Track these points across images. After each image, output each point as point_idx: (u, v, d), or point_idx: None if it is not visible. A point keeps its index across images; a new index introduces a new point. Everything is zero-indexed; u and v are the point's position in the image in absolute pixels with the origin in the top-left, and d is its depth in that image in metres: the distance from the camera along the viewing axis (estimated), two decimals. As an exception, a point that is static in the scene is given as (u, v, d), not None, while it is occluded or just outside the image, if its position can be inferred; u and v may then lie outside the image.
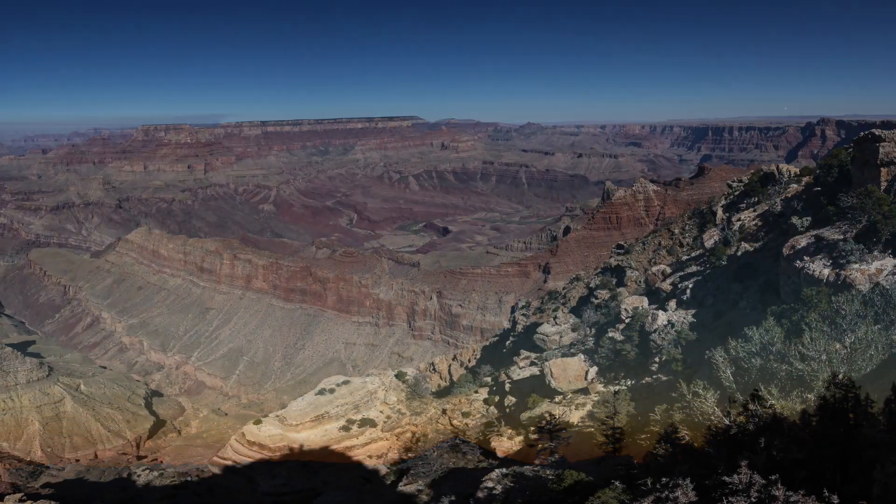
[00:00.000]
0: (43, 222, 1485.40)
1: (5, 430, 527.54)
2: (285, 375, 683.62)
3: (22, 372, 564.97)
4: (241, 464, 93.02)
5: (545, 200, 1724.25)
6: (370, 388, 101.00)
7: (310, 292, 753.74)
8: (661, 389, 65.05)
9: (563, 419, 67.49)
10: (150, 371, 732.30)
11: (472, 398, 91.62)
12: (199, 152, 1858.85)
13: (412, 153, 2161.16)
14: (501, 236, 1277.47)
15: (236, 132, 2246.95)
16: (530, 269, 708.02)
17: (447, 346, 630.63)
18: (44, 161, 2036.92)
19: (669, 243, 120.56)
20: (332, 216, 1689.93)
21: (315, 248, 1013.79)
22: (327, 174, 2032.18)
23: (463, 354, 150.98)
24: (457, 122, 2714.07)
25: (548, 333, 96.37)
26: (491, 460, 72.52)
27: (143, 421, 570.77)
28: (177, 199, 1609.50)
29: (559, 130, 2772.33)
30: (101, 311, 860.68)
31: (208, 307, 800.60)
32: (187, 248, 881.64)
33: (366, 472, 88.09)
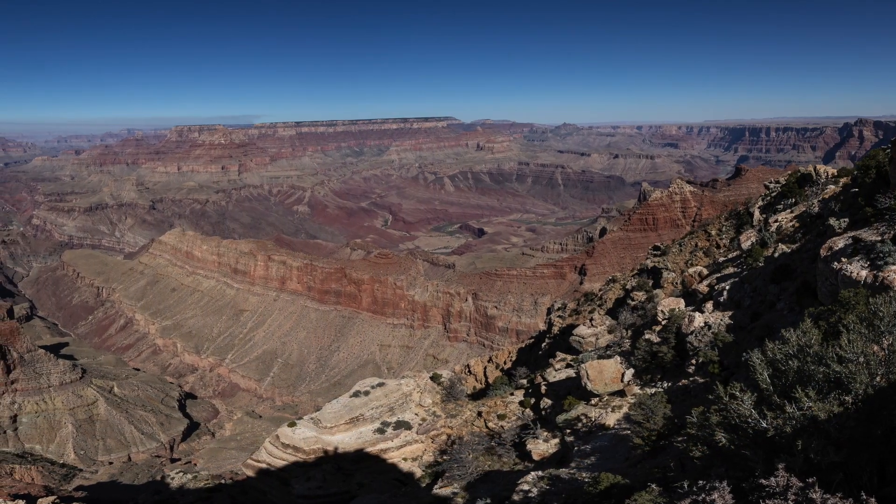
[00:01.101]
0: (76, 223, 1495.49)
1: (38, 432, 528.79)
2: (320, 377, 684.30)
3: (55, 374, 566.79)
4: (276, 466, 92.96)
5: (581, 201, 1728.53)
6: (405, 390, 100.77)
7: (344, 294, 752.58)
8: (697, 392, 64.78)
9: (599, 421, 67.45)
10: (184, 373, 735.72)
11: (508, 400, 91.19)
12: (233, 153, 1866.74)
13: (447, 154, 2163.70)
14: (537, 238, 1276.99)
15: (270, 133, 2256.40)
16: (566, 271, 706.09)
17: (482, 348, 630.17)
18: (77, 162, 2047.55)
19: (706, 244, 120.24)
20: (367, 217, 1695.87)
21: (350, 249, 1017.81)
22: (362, 175, 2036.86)
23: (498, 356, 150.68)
24: (492, 123, 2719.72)
25: (584, 335, 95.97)
26: (527, 463, 72.32)
27: (177, 423, 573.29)
28: (211, 201, 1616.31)
29: (595, 131, 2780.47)
30: (135, 313, 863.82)
31: (242, 309, 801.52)
32: (221, 249, 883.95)
33: (401, 475, 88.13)
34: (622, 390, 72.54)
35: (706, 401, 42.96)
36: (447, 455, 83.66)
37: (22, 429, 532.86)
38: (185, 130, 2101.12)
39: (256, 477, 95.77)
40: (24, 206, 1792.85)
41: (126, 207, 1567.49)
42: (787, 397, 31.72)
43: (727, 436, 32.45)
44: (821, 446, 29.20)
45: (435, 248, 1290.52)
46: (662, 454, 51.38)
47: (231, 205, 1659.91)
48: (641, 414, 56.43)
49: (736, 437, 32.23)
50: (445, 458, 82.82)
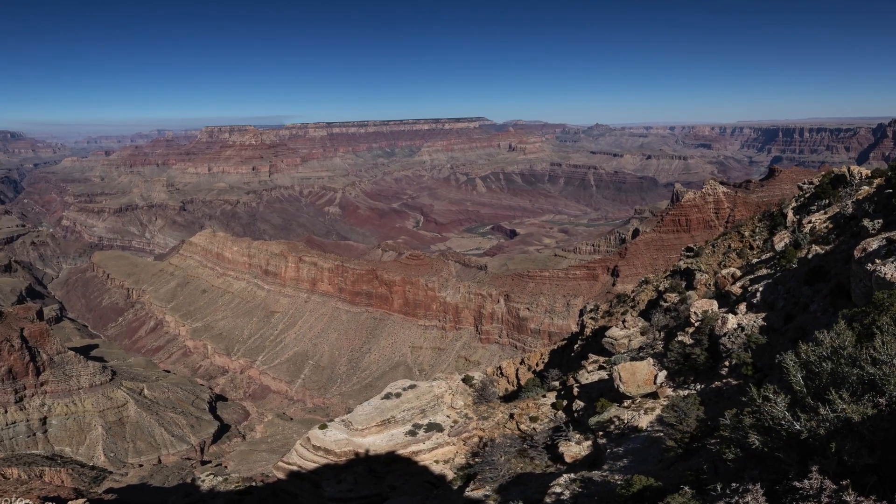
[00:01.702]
0: (106, 225, 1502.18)
1: (68, 434, 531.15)
2: (351, 379, 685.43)
3: (85, 376, 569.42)
4: (307, 469, 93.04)
5: (614, 202, 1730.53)
6: (437, 392, 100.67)
7: (376, 295, 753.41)
8: (730, 394, 64.58)
9: (632, 423, 67.41)
10: (215, 375, 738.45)
11: (540, 402, 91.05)
12: (263, 154, 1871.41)
13: (479, 155, 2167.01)
14: (569, 239, 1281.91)
15: (301, 133, 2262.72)
16: (599, 272, 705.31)
17: (514, 350, 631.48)
18: (107, 163, 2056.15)
19: (739, 246, 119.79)
20: (399, 218, 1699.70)
21: (381, 250, 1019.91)
22: (393, 176, 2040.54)
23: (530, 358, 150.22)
24: (524, 124, 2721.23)
25: (616, 337, 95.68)
26: (559, 465, 72.19)
27: (208, 425, 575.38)
28: (241, 202, 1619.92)
29: (628, 132, 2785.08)
30: (165, 315, 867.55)
31: (273, 310, 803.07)
32: (252, 250, 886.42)
33: (432, 478, 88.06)
34: (655, 392, 72.49)
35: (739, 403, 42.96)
36: (479, 457, 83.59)
37: (52, 431, 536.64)
38: (215, 131, 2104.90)
39: (287, 479, 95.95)
40: (54, 207, 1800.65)
41: (156, 208, 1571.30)
42: (820, 399, 31.72)
43: (761, 438, 32.47)
44: (854, 448, 29.20)
45: (467, 250, 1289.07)
46: (695, 456, 51.36)
47: (262, 206, 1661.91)
48: (674, 416, 56.44)
49: (769, 439, 32.24)
50: (477, 461, 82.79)
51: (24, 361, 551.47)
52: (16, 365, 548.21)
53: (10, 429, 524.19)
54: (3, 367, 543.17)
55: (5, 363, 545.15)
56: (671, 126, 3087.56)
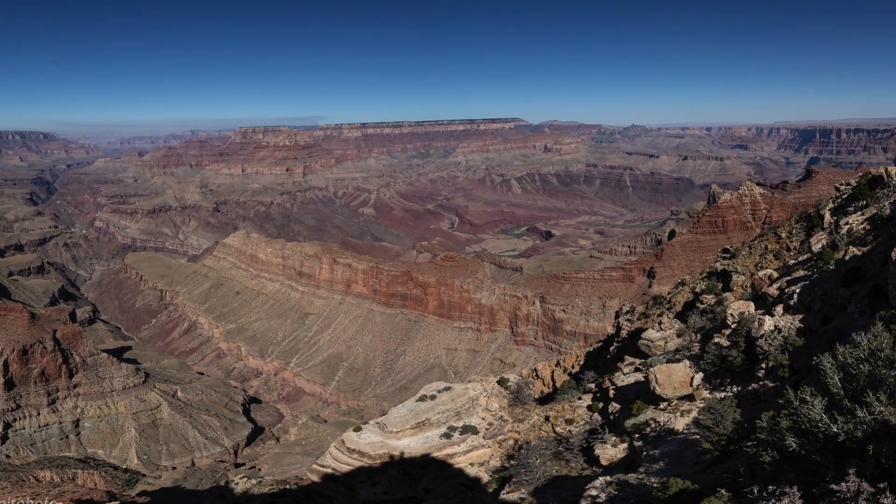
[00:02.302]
0: (139, 226, 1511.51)
1: (101, 437, 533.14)
2: (385, 382, 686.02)
3: (118, 378, 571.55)
4: (341, 472, 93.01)
5: (650, 204, 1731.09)
6: (472, 394, 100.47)
7: (410, 297, 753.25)
8: (767, 396, 64.42)
9: (668, 426, 67.37)
10: (249, 377, 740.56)
11: (576, 405, 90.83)
12: (297, 155, 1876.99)
13: (514, 155, 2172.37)
14: (605, 240, 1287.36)
15: (336, 134, 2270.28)
16: (635, 274, 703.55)
17: (550, 352, 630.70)
18: (140, 163, 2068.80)
19: (776, 247, 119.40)
20: (434, 220, 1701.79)
21: (416, 252, 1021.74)
22: (428, 177, 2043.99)
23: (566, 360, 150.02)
24: (560, 124, 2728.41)
25: (652, 339, 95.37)
26: (595, 468, 72.12)
27: (241, 428, 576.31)
28: (275, 203, 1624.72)
29: (664, 132, 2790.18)
30: (198, 317, 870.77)
31: (307, 312, 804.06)
32: (286, 252, 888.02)
33: (467, 480, 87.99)
34: (691, 394, 72.39)
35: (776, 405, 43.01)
36: (514, 460, 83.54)
37: (85, 433, 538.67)
38: (249, 132, 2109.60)
39: (321, 482, 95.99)
40: (87, 208, 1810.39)
41: (189, 209, 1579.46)
42: (858, 402, 31.74)
43: (797, 440, 32.50)
44: (892, 451, 29.24)
45: (502, 251, 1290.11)
46: (732, 459, 51.32)
47: (296, 207, 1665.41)
48: (711, 418, 56.41)
49: (806, 441, 32.29)
50: (512, 463, 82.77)
51: (56, 363, 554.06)
52: (48, 367, 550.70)
53: (42, 431, 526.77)
54: (36, 369, 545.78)
55: (38, 365, 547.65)
56: (707, 127, 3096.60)
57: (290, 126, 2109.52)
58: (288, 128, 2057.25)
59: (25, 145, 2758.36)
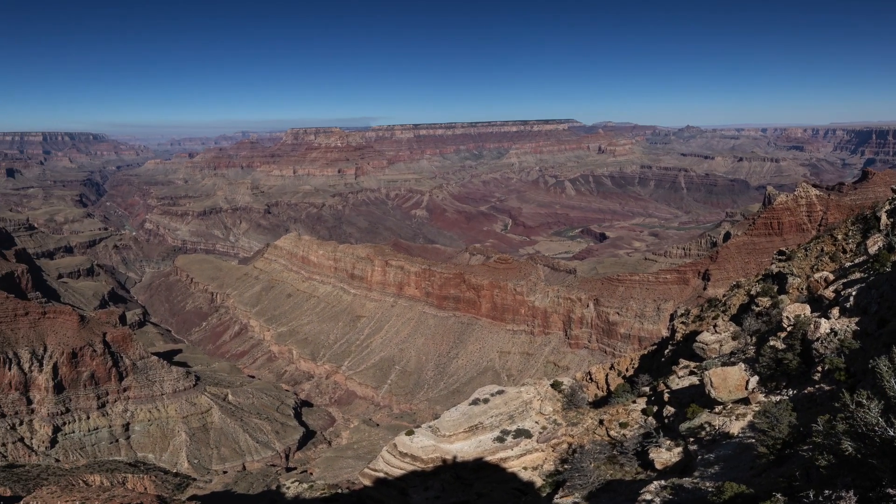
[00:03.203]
0: (189, 228, 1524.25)
1: (151, 441, 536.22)
2: (438, 385, 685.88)
3: (168, 381, 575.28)
4: (393, 476, 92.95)
5: (705, 205, 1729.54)
6: (525, 398, 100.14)
7: (463, 300, 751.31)
8: (823, 399, 64.16)
9: (723, 430, 67.18)
10: (300, 380, 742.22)
11: (630, 408, 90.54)
12: (349, 156, 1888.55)
13: (568, 157, 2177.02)
14: (660, 242, 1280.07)
15: (388, 135, 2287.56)
16: (689, 276, 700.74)
17: (604, 355, 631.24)
18: (190, 165, 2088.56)
19: (832, 249, 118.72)
20: (487, 221, 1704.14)
21: (469, 254, 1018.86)
22: (481, 178, 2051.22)
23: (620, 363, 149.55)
24: (614, 126, 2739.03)
25: (707, 342, 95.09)
26: (649, 472, 71.80)
27: (293, 432, 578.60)
28: (327, 204, 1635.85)
29: (719, 133, 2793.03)
30: (250, 319, 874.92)
31: (359, 315, 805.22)
32: (338, 254, 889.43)
33: (520, 485, 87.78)
34: (746, 398, 72.20)
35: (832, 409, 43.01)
36: (568, 464, 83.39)
37: (135, 437, 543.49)
38: (300, 133, 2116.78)
39: (373, 486, 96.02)
40: (137, 210, 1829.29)
41: (240, 211, 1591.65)
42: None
43: (854, 444, 32.54)
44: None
45: (556, 253, 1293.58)
46: (787, 463, 51.21)
47: (348, 209, 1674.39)
48: (766, 422, 56.29)
49: (863, 445, 32.32)
50: (566, 467, 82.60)
51: (106, 367, 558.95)
52: (98, 370, 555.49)
53: (92, 435, 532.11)
54: (86, 373, 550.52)
55: (88, 368, 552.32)
56: (763, 128, 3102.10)
57: (342, 127, 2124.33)
58: (340, 129, 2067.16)
59: (75, 146, 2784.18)
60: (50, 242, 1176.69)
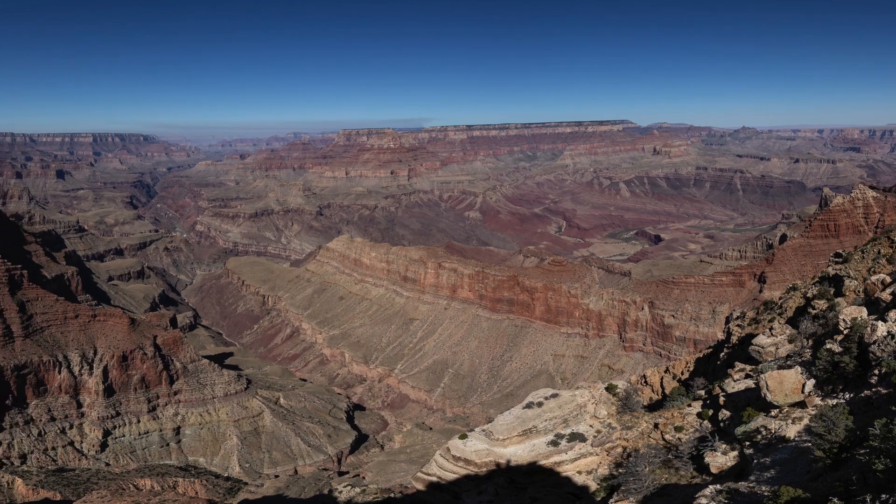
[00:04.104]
0: (241, 230, 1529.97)
1: (202, 445, 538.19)
2: (492, 388, 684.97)
3: (219, 385, 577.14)
4: (446, 480, 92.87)
5: (760, 207, 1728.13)
6: (579, 401, 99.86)
7: (517, 302, 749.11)
8: (880, 403, 63.86)
9: (779, 433, 67.04)
10: (352, 384, 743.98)
11: (685, 412, 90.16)
12: (402, 157, 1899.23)
13: (623, 158, 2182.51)
14: (715, 244, 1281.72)
15: (441, 136, 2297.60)
16: (745, 279, 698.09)
17: (659, 358, 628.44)
18: (242, 166, 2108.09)
19: (889, 252, 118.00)
20: (540, 223, 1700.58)
21: (522, 256, 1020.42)
22: (535, 180, 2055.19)
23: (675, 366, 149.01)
24: (669, 127, 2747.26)
25: (763, 345, 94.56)
26: (704, 476, 71.59)
27: (345, 435, 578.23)
28: (379, 206, 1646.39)
29: (775, 135, 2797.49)
30: (301, 322, 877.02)
31: (412, 318, 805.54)
32: (390, 256, 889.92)
33: (575, 489, 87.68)
34: (802, 401, 72.02)
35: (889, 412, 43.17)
36: (623, 468, 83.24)
37: (185, 441, 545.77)
38: (352, 134, 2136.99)
39: (426, 491, 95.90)
40: (188, 211, 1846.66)
41: (292, 213, 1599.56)
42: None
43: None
44: None
45: (610, 255, 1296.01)
46: (844, 467, 51.18)
47: (400, 210, 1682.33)
48: (822, 426, 56.23)
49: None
50: (621, 472, 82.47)
51: (157, 370, 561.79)
52: (149, 373, 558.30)
53: (142, 439, 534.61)
54: (136, 376, 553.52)
55: (138, 371, 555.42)
56: (819, 129, 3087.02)
57: (394, 128, 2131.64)
58: (392, 130, 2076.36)
59: (125, 148, 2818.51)
60: (100, 244, 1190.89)
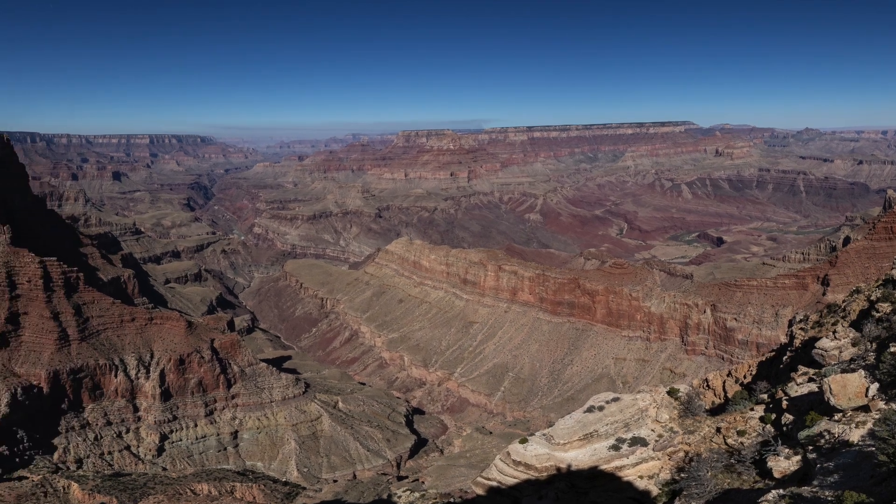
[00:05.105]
0: (299, 232, 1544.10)
1: (260, 449, 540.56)
2: (552, 392, 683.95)
3: (277, 388, 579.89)
4: (506, 484, 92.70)
5: (823, 209, 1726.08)
6: (641, 405, 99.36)
7: (578, 305, 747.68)
8: (945, 406, 64.36)
9: (843, 437, 66.95)
10: (412, 387, 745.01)
11: (748, 416, 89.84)
12: (462, 159, 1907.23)
13: (684, 160, 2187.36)
14: (778, 247, 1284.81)
15: (501, 138, 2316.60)
16: (808, 281, 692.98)
17: (721, 362, 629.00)
18: (300, 168, 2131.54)
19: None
20: (601, 226, 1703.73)
21: (583, 258, 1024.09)
22: (596, 182, 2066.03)
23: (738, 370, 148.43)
24: (731, 128, 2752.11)
25: (826, 348, 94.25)
26: (767, 481, 71.38)
27: (404, 440, 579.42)
28: (439, 208, 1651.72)
29: (838, 136, 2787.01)
30: (360, 325, 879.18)
31: (472, 321, 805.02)
32: (450, 259, 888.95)
33: (636, 493, 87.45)
34: (866, 405, 71.82)
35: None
36: (684, 473, 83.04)
37: (243, 445, 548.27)
38: (412, 135, 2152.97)
39: (486, 495, 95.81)
40: (246, 214, 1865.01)
41: (351, 215, 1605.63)
42: None
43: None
44: None
45: (672, 258, 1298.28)
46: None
47: (460, 213, 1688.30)
48: (886, 430, 56.20)
49: None
50: (683, 476, 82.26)
51: (214, 373, 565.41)
52: (206, 377, 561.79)
53: (200, 443, 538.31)
54: (193, 380, 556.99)
55: (195, 375, 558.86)
56: (884, 130, 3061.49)
57: (454, 130, 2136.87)
58: (452, 131, 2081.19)
59: (182, 149, 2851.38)
60: (157, 247, 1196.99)
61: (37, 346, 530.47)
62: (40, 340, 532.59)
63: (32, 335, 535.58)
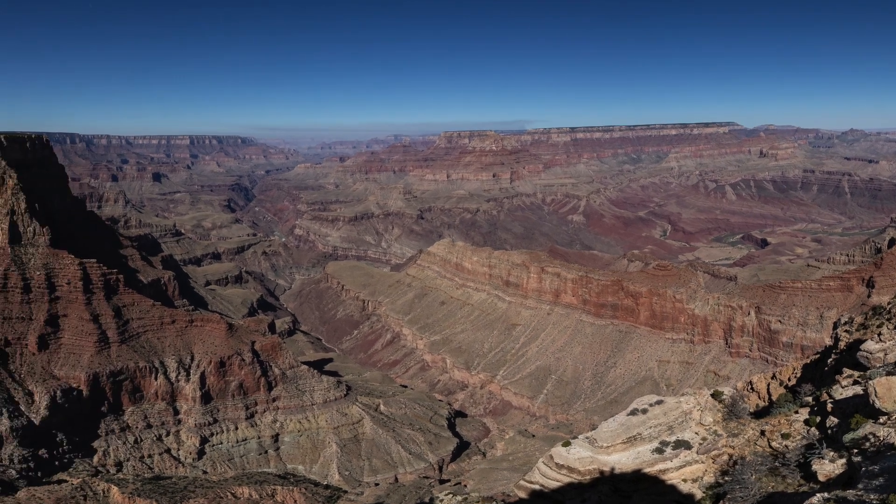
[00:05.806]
0: (340, 234, 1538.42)
1: (301, 452, 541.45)
2: (595, 395, 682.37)
3: (318, 391, 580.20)
4: (549, 488, 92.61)
5: (869, 211, 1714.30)
6: (685, 408, 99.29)
7: (621, 307, 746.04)
8: None
9: (888, 441, 66.84)
10: (454, 390, 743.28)
11: (792, 419, 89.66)
12: (504, 160, 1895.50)
13: (728, 161, 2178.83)
14: (823, 248, 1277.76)
15: (544, 139, 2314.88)
16: (853, 283, 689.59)
17: (765, 364, 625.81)
18: (341, 169, 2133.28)
19: None
20: (645, 227, 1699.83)
21: (626, 260, 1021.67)
22: (639, 183, 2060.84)
23: (782, 373, 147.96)
24: (775, 129, 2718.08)
25: (871, 351, 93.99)
26: (812, 484, 71.35)
27: (446, 443, 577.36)
28: (481, 210, 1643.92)
29: (884, 137, 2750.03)
30: (402, 328, 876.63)
31: (514, 323, 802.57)
32: (492, 260, 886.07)
33: (679, 497, 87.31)
34: (912, 408, 71.98)
35: None
36: (728, 476, 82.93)
37: (284, 448, 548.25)
38: (454, 136, 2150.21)
39: (528, 498, 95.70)
40: (287, 215, 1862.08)
41: (392, 217, 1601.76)
42: None
43: None
44: None
45: (716, 260, 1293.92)
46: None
47: (502, 214, 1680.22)
48: (933, 432, 56.40)
49: None
50: (727, 480, 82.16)
51: (255, 376, 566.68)
52: (246, 380, 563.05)
53: (240, 446, 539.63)
54: (234, 382, 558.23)
55: (236, 378, 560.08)
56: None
57: (496, 130, 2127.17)
58: (495, 132, 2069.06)
59: (223, 150, 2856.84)
60: (197, 248, 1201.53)
61: (76, 349, 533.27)
62: (80, 343, 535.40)
63: (72, 337, 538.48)
